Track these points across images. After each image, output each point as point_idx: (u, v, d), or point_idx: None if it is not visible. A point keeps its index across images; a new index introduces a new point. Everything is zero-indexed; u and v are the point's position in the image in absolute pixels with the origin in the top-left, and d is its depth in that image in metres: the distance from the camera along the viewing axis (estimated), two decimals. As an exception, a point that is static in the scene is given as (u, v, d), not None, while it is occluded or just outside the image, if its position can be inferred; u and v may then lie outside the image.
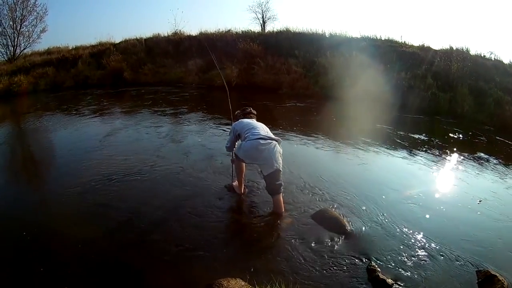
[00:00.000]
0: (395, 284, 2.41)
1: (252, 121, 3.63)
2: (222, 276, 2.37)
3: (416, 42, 11.14)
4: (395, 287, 2.38)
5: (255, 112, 3.89)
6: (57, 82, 13.14)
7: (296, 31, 13.00)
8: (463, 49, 9.91)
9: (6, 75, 12.82)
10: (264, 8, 18.90)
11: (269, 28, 17.55)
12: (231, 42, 12.58)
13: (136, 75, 13.03)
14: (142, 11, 42.71)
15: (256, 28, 17.26)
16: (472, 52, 9.88)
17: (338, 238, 2.98)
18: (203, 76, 11.97)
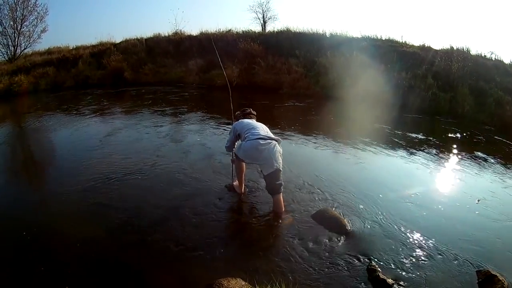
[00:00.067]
0: (395, 284, 2.41)
1: (252, 121, 3.64)
2: (222, 276, 2.37)
3: (416, 42, 11.16)
4: (395, 286, 2.38)
5: (255, 112, 3.90)
6: (57, 82, 13.15)
7: (297, 31, 13.01)
8: (463, 49, 9.91)
9: (6, 75, 12.82)
10: (265, 8, 18.91)
11: (269, 28, 17.56)
12: (232, 42, 12.57)
13: (136, 75, 13.03)
14: (142, 11, 42.77)
15: (256, 28, 17.27)
16: (473, 52, 9.90)
17: (338, 238, 2.98)
18: (203, 76, 11.98)
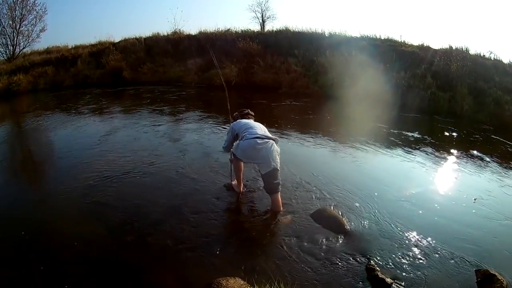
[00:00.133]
0: (394, 283, 2.41)
1: (250, 121, 3.65)
2: (221, 275, 2.37)
3: (415, 41, 11.16)
4: (394, 286, 2.38)
5: (253, 113, 3.92)
6: (56, 81, 13.13)
7: (296, 30, 13.00)
8: (462, 48, 9.90)
9: (5, 74, 12.80)
10: (264, 7, 18.93)
11: (268, 27, 17.57)
12: (231, 42, 12.58)
13: (135, 74, 13.01)
14: (141, 10, 42.77)
15: (255, 27, 17.28)
16: (472, 51, 9.89)
17: (337, 237, 2.98)
18: (202, 75, 11.96)
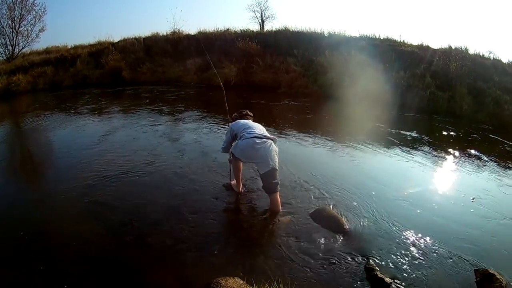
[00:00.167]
0: (393, 282, 2.41)
1: (249, 121, 3.66)
2: (221, 275, 2.37)
3: (415, 41, 11.14)
4: (393, 285, 2.38)
5: (251, 114, 3.94)
6: (55, 81, 13.11)
7: (295, 30, 12.99)
8: (462, 48, 9.90)
9: (4, 74, 12.77)
10: (263, 7, 18.96)
11: (267, 27, 17.60)
12: (230, 41, 12.56)
13: (134, 74, 12.99)
14: (141, 10, 42.70)
15: (255, 27, 17.29)
16: (471, 51, 9.88)
17: (336, 237, 2.98)
18: (201, 75, 11.95)
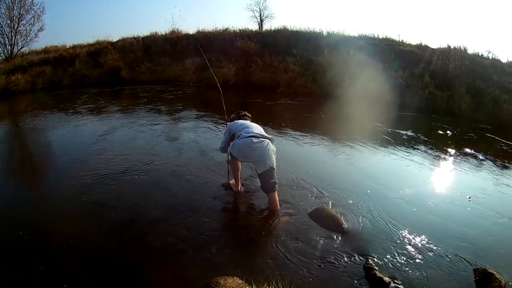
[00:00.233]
0: (392, 282, 2.41)
1: (247, 121, 3.69)
2: (220, 275, 2.36)
3: (413, 41, 11.12)
4: (392, 285, 2.38)
5: (250, 115, 3.97)
6: (54, 81, 13.06)
7: (294, 29, 12.96)
8: (460, 48, 9.89)
9: (3, 74, 12.71)
10: (262, 7, 19.04)
11: (266, 26, 17.65)
12: (229, 41, 12.54)
13: (133, 73, 12.95)
14: (139, 10, 42.69)
15: (253, 26, 17.33)
16: (470, 51, 9.87)
17: (335, 236, 2.98)
18: (200, 75, 11.92)
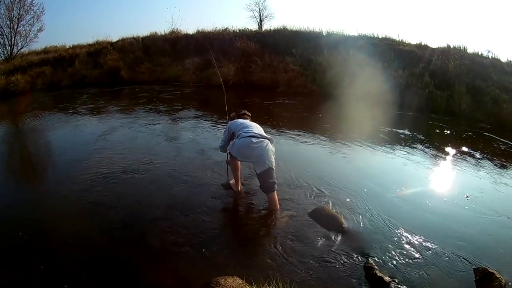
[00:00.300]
0: (393, 281, 2.41)
1: (246, 121, 3.68)
2: (220, 274, 2.36)
3: (413, 40, 11.17)
4: (392, 284, 2.38)
5: (249, 113, 3.96)
6: (54, 81, 13.05)
7: (293, 29, 12.98)
8: (460, 47, 9.91)
9: (3, 75, 12.70)
10: (261, 7, 19.05)
11: (266, 26, 17.66)
12: (228, 41, 12.54)
13: (133, 73, 12.94)
14: (139, 10, 42.73)
15: (253, 26, 17.34)
16: (470, 50, 9.90)
17: (335, 236, 2.98)
18: (200, 75, 11.93)
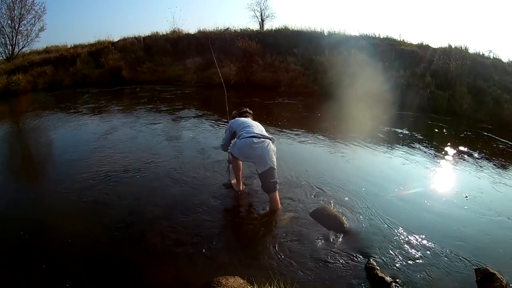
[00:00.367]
0: (394, 282, 2.41)
1: (248, 119, 3.65)
2: (221, 274, 2.36)
3: (414, 40, 11.13)
4: (393, 284, 2.38)
5: (251, 111, 3.93)
6: (55, 81, 13.09)
7: (295, 29, 12.97)
8: (461, 47, 9.87)
9: (4, 74, 12.74)
10: (263, 6, 19.02)
11: (267, 26, 17.63)
12: (230, 41, 12.54)
13: (134, 73, 12.97)
14: (140, 10, 42.75)
15: (254, 26, 17.31)
16: (471, 50, 9.86)
17: (337, 236, 2.98)
18: (201, 74, 11.94)
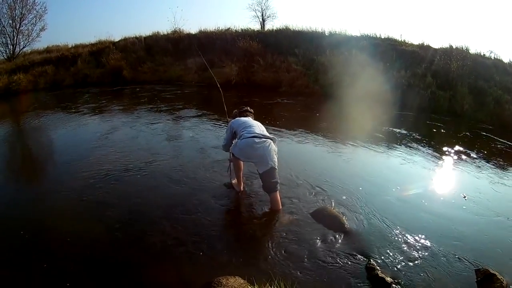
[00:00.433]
0: (394, 282, 2.41)
1: (248, 119, 3.64)
2: (221, 274, 2.37)
3: (415, 40, 11.14)
4: (393, 285, 2.38)
5: (252, 110, 3.91)
6: (56, 81, 13.09)
7: (296, 29, 12.95)
8: (462, 48, 9.87)
9: (5, 74, 12.75)
10: (264, 6, 19.04)
11: (268, 26, 17.62)
12: (231, 41, 12.55)
13: (135, 73, 12.97)
14: (141, 10, 42.79)
15: (255, 26, 17.31)
16: (472, 51, 9.86)
17: (337, 236, 2.98)
18: (202, 74, 11.92)
